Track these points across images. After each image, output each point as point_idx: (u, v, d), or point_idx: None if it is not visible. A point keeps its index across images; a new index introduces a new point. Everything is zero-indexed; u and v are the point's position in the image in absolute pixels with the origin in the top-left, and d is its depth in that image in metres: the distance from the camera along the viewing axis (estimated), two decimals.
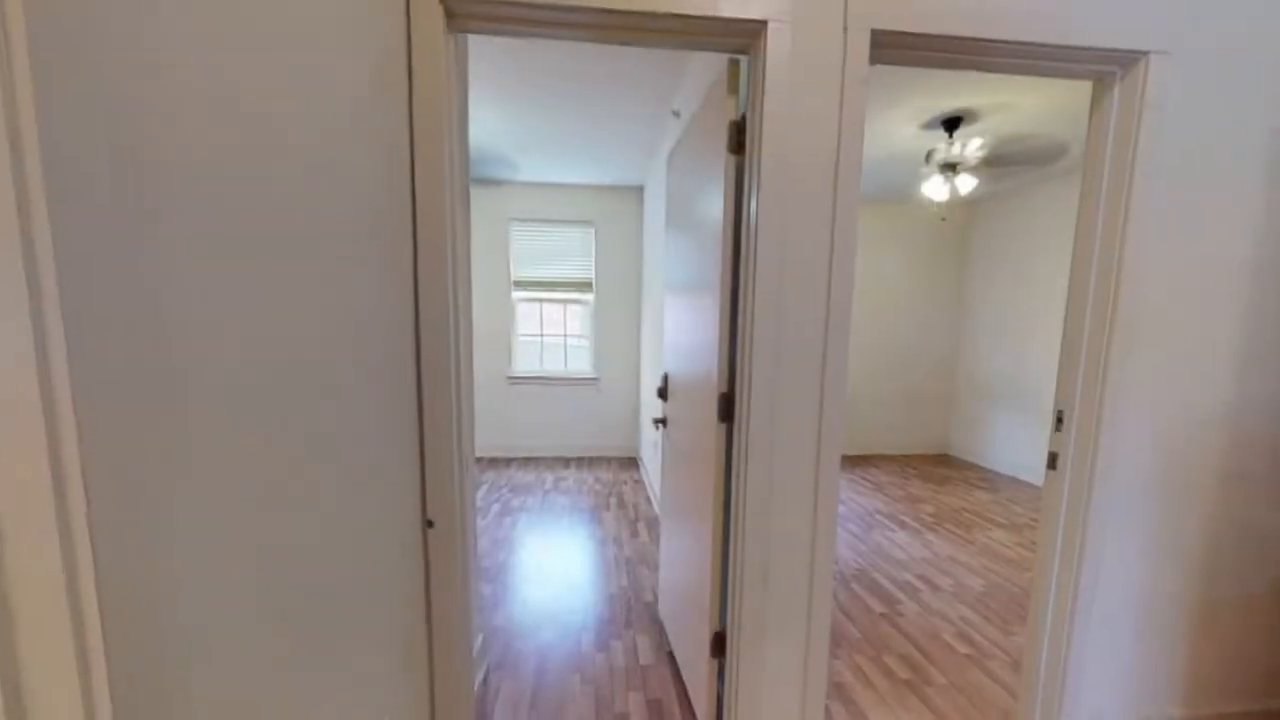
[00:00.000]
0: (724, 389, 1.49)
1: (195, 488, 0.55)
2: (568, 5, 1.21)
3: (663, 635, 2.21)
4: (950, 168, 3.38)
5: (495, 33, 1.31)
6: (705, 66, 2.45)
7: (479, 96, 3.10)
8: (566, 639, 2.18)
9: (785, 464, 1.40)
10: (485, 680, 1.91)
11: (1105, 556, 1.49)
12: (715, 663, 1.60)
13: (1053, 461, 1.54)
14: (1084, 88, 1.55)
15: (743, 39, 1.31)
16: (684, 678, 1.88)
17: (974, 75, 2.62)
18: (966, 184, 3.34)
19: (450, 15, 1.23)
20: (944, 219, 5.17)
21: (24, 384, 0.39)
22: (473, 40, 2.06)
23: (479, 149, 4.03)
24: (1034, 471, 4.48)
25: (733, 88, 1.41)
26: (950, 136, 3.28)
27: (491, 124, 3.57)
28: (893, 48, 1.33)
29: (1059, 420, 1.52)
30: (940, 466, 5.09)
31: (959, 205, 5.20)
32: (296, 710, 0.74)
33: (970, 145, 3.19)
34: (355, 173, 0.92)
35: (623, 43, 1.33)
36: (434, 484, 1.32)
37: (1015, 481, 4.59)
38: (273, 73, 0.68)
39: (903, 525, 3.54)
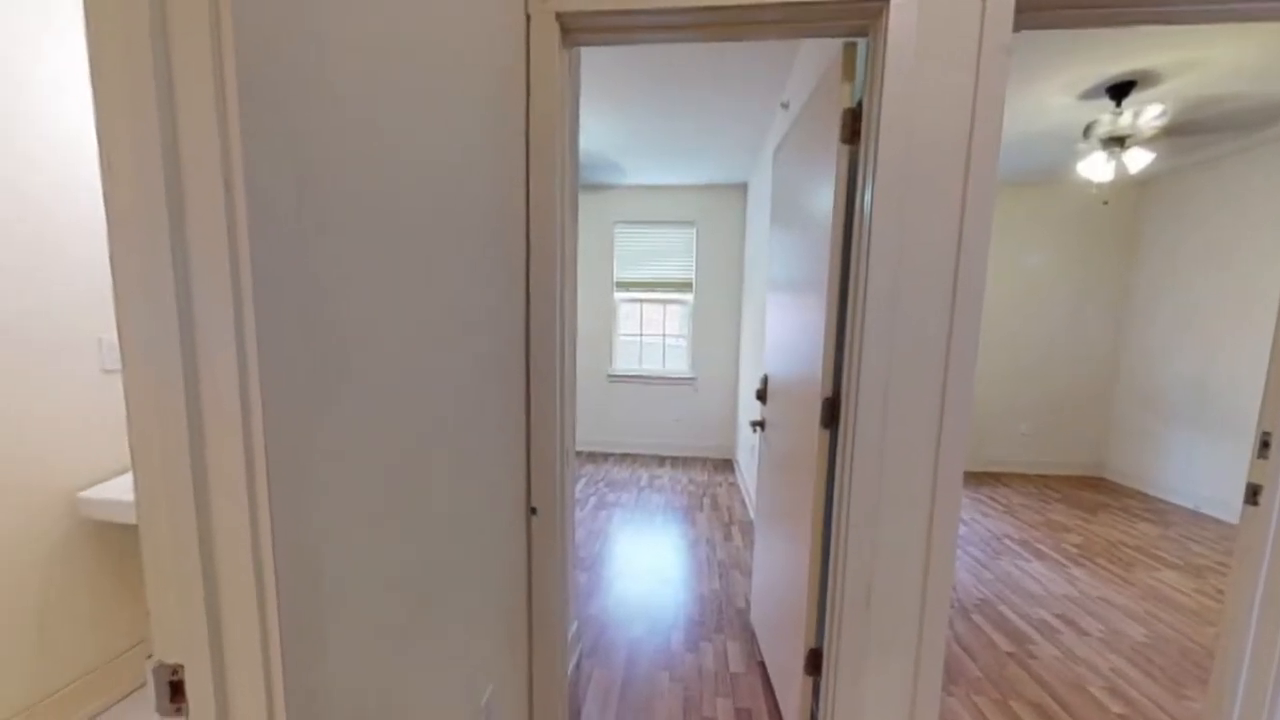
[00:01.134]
0: (828, 393, 1.41)
1: (342, 466, 0.63)
2: (677, 8, 1.21)
3: (754, 644, 2.15)
4: (1117, 142, 2.88)
5: (607, 43, 1.35)
6: (818, 54, 2.32)
7: (589, 105, 3.22)
8: (656, 635, 2.21)
9: (896, 476, 1.29)
10: (578, 665, 2.00)
11: None
12: (810, 681, 1.53)
13: (1253, 495, 1.25)
14: None
15: (861, 20, 1.22)
16: (775, 691, 1.82)
17: (1150, 30, 2.20)
18: (1139, 160, 2.82)
19: (565, 31, 1.29)
20: (1106, 202, 4.42)
21: (228, 376, 0.48)
22: (583, 50, 2.15)
23: (588, 155, 4.20)
24: (1224, 506, 3.68)
25: (848, 73, 1.32)
26: (1118, 105, 2.78)
27: (600, 131, 3.70)
28: (1045, 9, 1.16)
29: (1264, 444, 1.23)
30: (1091, 490, 4.38)
31: (1126, 185, 4.41)
32: (412, 672, 0.83)
33: (1145, 114, 2.69)
34: (479, 185, 1.01)
35: (733, 39, 1.30)
36: (538, 474, 1.41)
37: (1195, 515, 3.80)
38: (415, 99, 0.76)
39: (1039, 555, 3.10)
